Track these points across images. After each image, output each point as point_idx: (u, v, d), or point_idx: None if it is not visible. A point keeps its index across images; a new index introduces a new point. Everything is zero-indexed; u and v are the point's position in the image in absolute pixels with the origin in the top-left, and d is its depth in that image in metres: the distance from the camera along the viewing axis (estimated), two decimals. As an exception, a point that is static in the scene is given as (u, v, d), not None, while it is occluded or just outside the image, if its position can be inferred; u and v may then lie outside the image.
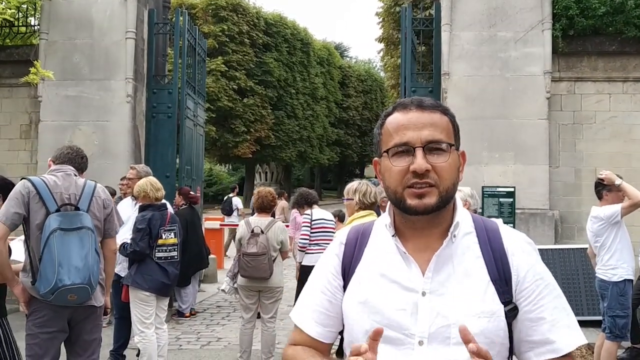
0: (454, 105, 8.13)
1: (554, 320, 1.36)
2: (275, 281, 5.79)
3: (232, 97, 30.93)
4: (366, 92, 48.06)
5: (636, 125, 8.08)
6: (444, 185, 1.36)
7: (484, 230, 1.44)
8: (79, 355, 3.66)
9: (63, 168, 3.71)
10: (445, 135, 1.39)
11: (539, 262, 1.43)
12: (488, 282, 1.36)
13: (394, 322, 1.36)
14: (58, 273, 3.31)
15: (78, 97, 8.74)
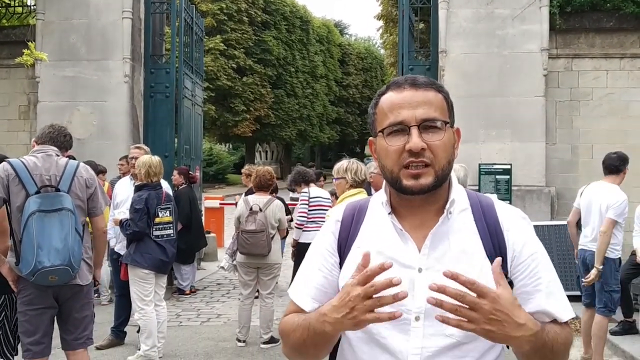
0: (451, 83, 8.15)
1: (549, 293, 1.38)
2: (273, 258, 5.89)
3: (231, 76, 30.81)
4: (366, 70, 47.83)
5: (633, 102, 8.09)
6: (439, 163, 1.36)
7: (479, 206, 1.45)
8: (71, 332, 3.72)
9: (44, 148, 3.69)
10: (440, 113, 1.39)
11: (533, 237, 1.44)
12: (484, 257, 1.37)
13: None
14: (37, 255, 3.34)
15: (76, 77, 8.74)
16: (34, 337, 3.53)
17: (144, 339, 5.25)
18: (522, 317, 1.24)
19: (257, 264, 5.89)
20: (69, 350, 3.73)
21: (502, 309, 1.20)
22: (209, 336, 6.27)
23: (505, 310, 1.20)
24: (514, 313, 1.22)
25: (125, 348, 5.73)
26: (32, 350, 3.54)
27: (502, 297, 1.21)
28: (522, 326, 1.23)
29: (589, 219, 5.54)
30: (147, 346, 5.24)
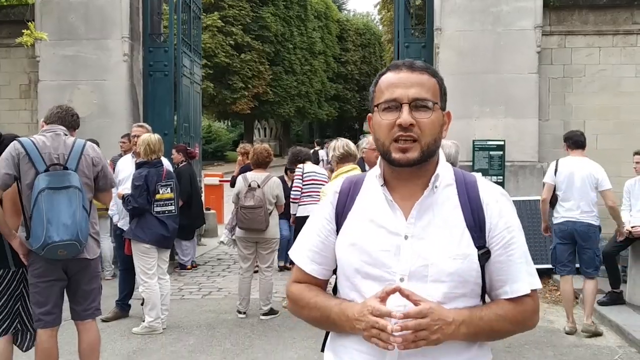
0: (446, 60, 8.26)
1: (520, 264, 1.56)
2: (271, 233, 6.10)
3: (229, 52, 30.72)
4: (364, 46, 47.58)
5: (625, 78, 8.20)
6: (425, 140, 1.51)
7: (463, 182, 1.60)
8: (80, 304, 3.91)
9: (53, 128, 3.84)
10: (431, 94, 1.54)
11: (510, 213, 1.59)
12: (464, 228, 1.53)
13: (379, 261, 1.54)
14: (47, 230, 3.50)
15: (75, 56, 8.83)
16: (45, 307, 3.71)
17: (148, 311, 5.47)
18: (449, 315, 1.47)
19: (255, 238, 6.09)
20: (79, 321, 3.92)
21: (438, 318, 1.44)
22: (210, 309, 6.48)
23: (439, 316, 1.45)
24: (443, 315, 1.46)
25: (130, 320, 5.94)
26: (44, 320, 3.73)
27: (433, 308, 1.44)
28: (452, 322, 1.46)
29: (571, 193, 5.74)
30: (151, 318, 5.46)
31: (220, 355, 5.06)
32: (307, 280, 1.72)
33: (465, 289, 1.53)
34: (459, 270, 1.51)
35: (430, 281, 1.51)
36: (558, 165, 5.92)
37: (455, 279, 1.51)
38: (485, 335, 1.56)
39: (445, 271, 1.51)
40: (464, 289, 1.53)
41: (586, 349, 5.34)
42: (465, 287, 1.53)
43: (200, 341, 5.40)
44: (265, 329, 5.79)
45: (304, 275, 1.71)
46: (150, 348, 5.20)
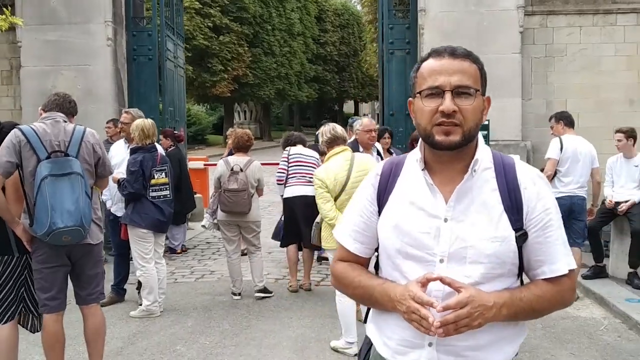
0: (430, 42, 8.33)
1: (557, 246, 1.62)
2: (253, 216, 6.22)
3: (208, 35, 30.41)
4: (343, 27, 47.41)
5: (605, 57, 8.37)
6: (467, 125, 1.55)
7: (501, 165, 1.64)
8: (84, 288, 3.97)
9: (52, 115, 3.85)
10: (473, 81, 1.57)
11: (547, 195, 1.64)
12: (502, 211, 1.58)
13: (419, 243, 1.60)
14: (51, 217, 3.54)
15: (58, 41, 8.75)
16: (49, 293, 3.76)
17: (145, 295, 5.53)
18: (490, 299, 1.52)
19: (237, 221, 6.20)
20: (84, 305, 3.98)
21: (477, 304, 1.50)
22: (205, 291, 6.56)
23: (479, 303, 1.50)
24: (483, 300, 1.51)
25: (126, 304, 6.00)
26: (49, 305, 3.78)
27: (473, 296, 1.50)
28: (493, 306, 1.52)
29: (575, 168, 6.12)
30: (149, 301, 5.53)
31: (220, 335, 5.16)
32: (351, 259, 1.80)
33: (502, 270, 1.59)
34: (497, 252, 1.57)
35: (468, 262, 1.57)
36: (562, 142, 6.20)
37: (493, 261, 1.57)
38: (526, 315, 1.62)
39: (484, 253, 1.56)
40: (502, 269, 1.59)
41: (573, 320, 5.53)
42: (503, 267, 1.59)
43: (198, 323, 5.49)
44: (262, 309, 5.89)
45: (348, 254, 1.80)
46: (149, 330, 5.28)
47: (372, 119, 6.34)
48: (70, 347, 4.36)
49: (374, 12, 22.79)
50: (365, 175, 4.88)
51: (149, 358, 4.69)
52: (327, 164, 4.81)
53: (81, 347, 4.67)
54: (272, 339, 5.09)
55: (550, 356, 4.68)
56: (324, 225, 4.77)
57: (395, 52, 9.07)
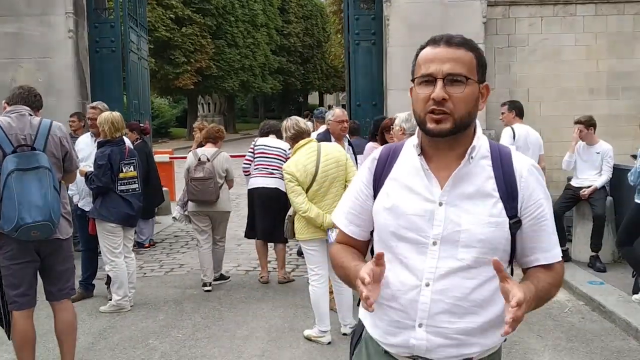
0: (395, 32, 8.40)
1: (550, 234, 1.67)
2: (222, 206, 6.29)
3: (170, 26, 30.01)
4: (307, 18, 47.30)
5: (565, 47, 8.56)
6: (458, 113, 1.57)
7: (498, 154, 1.67)
8: (54, 284, 3.91)
9: (17, 109, 3.77)
10: (467, 69, 1.59)
11: (542, 185, 1.68)
12: (497, 198, 1.61)
13: (414, 225, 1.64)
14: (19, 212, 3.48)
15: (17, 33, 8.53)
16: (19, 289, 3.69)
17: (115, 290, 5.47)
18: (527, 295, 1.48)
19: (207, 212, 6.27)
20: (54, 301, 3.92)
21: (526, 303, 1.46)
22: (175, 284, 6.52)
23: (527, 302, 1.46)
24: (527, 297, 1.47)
25: (96, 300, 5.92)
26: (19, 302, 3.71)
27: (523, 296, 1.44)
28: (529, 301, 1.50)
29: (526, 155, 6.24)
30: (119, 296, 5.47)
31: (192, 328, 5.14)
32: (347, 241, 1.86)
33: (494, 255, 1.59)
34: (489, 237, 1.60)
35: (461, 246, 1.61)
36: (515, 130, 6.50)
37: (485, 245, 1.60)
38: (542, 303, 1.67)
39: (476, 237, 1.60)
40: (494, 254, 1.59)
41: (538, 304, 5.69)
42: (495, 253, 1.60)
43: (169, 316, 5.46)
44: (233, 301, 5.89)
45: (344, 237, 1.87)
46: (120, 325, 5.23)
47: (344, 110, 6.35)
48: (40, 344, 4.28)
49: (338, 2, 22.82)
50: (333, 163, 4.92)
51: (121, 352, 4.65)
52: (295, 156, 4.80)
53: (51, 344, 4.62)
54: (245, 330, 5.09)
55: (517, 338, 4.80)
56: (296, 218, 4.79)
57: (361, 42, 9.10)
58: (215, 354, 4.59)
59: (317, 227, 4.63)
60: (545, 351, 4.63)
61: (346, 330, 4.89)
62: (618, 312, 5.18)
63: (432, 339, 1.63)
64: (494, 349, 1.71)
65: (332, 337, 4.78)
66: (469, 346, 1.65)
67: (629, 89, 8.51)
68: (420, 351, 1.65)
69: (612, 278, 6.16)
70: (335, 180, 4.70)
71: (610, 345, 4.74)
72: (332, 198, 4.68)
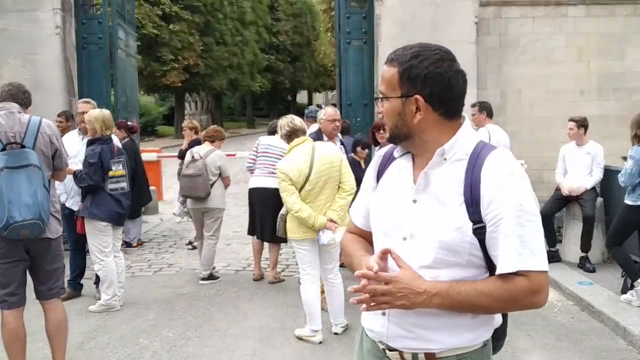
0: (387, 32, 8.38)
1: (508, 242, 1.57)
2: (214, 203, 6.46)
3: (157, 23, 29.75)
4: (296, 16, 47.12)
5: (556, 48, 8.60)
6: (388, 125, 1.75)
7: (475, 158, 1.65)
8: (44, 284, 3.86)
9: (6, 106, 3.72)
10: (386, 87, 1.71)
11: (509, 191, 1.58)
12: (461, 202, 1.62)
13: (391, 221, 1.74)
14: (9, 210, 3.45)
15: (3, 30, 8.41)
16: (8, 288, 3.65)
17: (104, 289, 5.41)
18: (421, 286, 1.60)
19: (201, 208, 6.46)
20: (44, 300, 3.88)
21: (404, 286, 1.59)
22: (164, 284, 6.46)
23: (406, 286, 1.59)
24: (413, 285, 1.60)
25: (84, 299, 5.85)
26: (8, 301, 3.68)
27: (401, 278, 1.60)
28: (423, 293, 1.59)
29: None
30: (108, 295, 5.41)
31: (183, 327, 5.10)
32: (356, 231, 1.97)
33: (457, 258, 1.62)
34: (449, 240, 1.61)
35: (424, 245, 1.65)
36: (490, 131, 6.65)
37: (444, 247, 1.62)
38: (466, 309, 1.62)
39: (436, 238, 1.63)
40: (456, 258, 1.62)
41: (529, 304, 5.69)
42: (457, 256, 1.62)
43: (160, 316, 5.41)
44: (223, 301, 5.85)
45: (354, 227, 1.98)
46: (110, 325, 5.17)
47: (336, 108, 6.33)
48: (29, 343, 4.18)
49: (328, 1, 22.79)
50: (327, 164, 4.89)
51: (112, 352, 4.60)
52: (290, 155, 4.76)
53: (40, 343, 4.56)
54: (236, 329, 5.06)
55: (508, 338, 4.78)
56: (289, 217, 4.76)
57: (352, 41, 9.08)
58: (207, 353, 4.55)
59: (309, 227, 4.60)
60: (534, 350, 4.65)
61: (337, 330, 4.87)
62: (607, 312, 5.21)
63: (392, 328, 1.72)
64: (463, 349, 1.69)
65: (323, 336, 4.77)
66: (429, 342, 1.69)
67: (619, 90, 8.56)
68: (383, 337, 1.75)
69: (601, 278, 6.18)
70: (328, 181, 4.67)
71: (599, 344, 4.77)
72: (325, 199, 4.65)
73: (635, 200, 5.46)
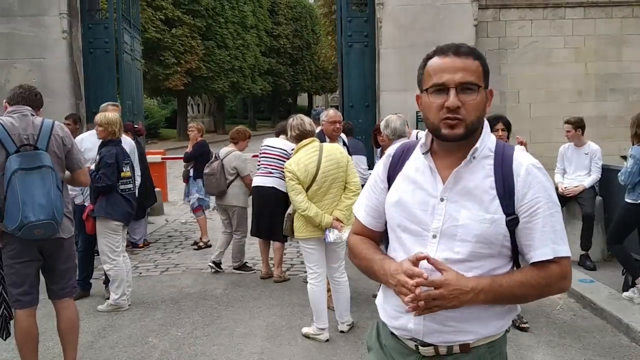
0: (388, 35, 8.51)
1: (544, 232, 1.69)
2: (229, 200, 6.93)
3: (160, 27, 29.91)
4: (296, 20, 47.32)
5: (555, 50, 8.72)
6: (470, 118, 1.68)
7: (501, 154, 1.75)
8: (57, 283, 3.95)
9: (19, 109, 3.79)
10: (476, 77, 1.69)
11: (540, 184, 1.71)
12: (494, 196, 1.69)
13: (417, 218, 1.76)
14: (23, 211, 3.52)
15: (10, 34, 8.55)
16: (22, 288, 3.72)
17: (114, 289, 5.51)
18: (468, 284, 1.65)
19: (221, 205, 7.03)
20: (57, 300, 3.96)
21: (453, 288, 1.64)
22: (171, 284, 6.56)
23: (455, 287, 1.64)
24: (461, 285, 1.65)
25: (93, 299, 5.94)
26: (22, 300, 3.75)
27: (449, 280, 1.64)
28: (470, 291, 1.65)
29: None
30: (117, 295, 5.51)
31: (191, 326, 5.19)
32: (363, 232, 1.99)
33: (491, 250, 1.71)
34: (484, 233, 1.69)
35: (458, 240, 1.71)
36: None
37: (481, 240, 1.69)
38: (508, 300, 1.74)
39: (472, 232, 1.69)
40: (490, 250, 1.70)
41: (530, 301, 5.79)
42: (492, 248, 1.70)
43: (167, 315, 5.50)
44: (230, 300, 5.94)
45: (361, 227, 1.99)
46: (119, 324, 5.26)
47: (337, 110, 6.43)
48: (39, 343, 4.30)
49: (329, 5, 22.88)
50: (334, 164, 4.97)
51: (121, 351, 4.69)
52: (297, 155, 4.85)
53: (49, 343, 4.67)
54: (244, 328, 5.15)
55: (511, 335, 4.87)
56: (296, 216, 4.85)
57: (354, 44, 9.20)
58: (215, 352, 4.64)
59: (316, 226, 4.70)
60: (538, 347, 4.72)
61: (343, 328, 4.96)
62: (609, 309, 5.28)
63: (428, 325, 1.74)
64: (493, 337, 1.78)
65: (330, 334, 4.85)
66: (464, 333, 1.74)
67: (617, 91, 8.67)
68: (417, 335, 1.77)
69: (602, 276, 6.26)
70: (335, 181, 4.77)
71: (602, 341, 4.84)
72: (331, 198, 4.75)
73: (635, 198, 5.54)
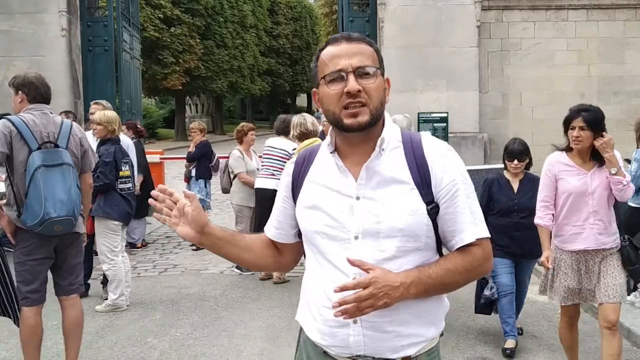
0: (390, 34, 8.47)
1: (464, 215, 1.65)
2: (231, 198, 7.19)
3: (159, 26, 29.81)
4: (296, 20, 47.28)
5: (557, 51, 8.69)
6: (373, 103, 1.60)
7: (409, 143, 1.68)
8: (65, 278, 3.96)
9: (39, 107, 3.82)
10: (372, 61, 1.62)
11: (454, 166, 1.67)
12: (412, 186, 1.62)
13: (335, 221, 1.65)
14: (45, 207, 3.56)
15: (9, 31, 8.51)
16: (32, 285, 3.74)
17: (113, 289, 5.46)
18: (397, 279, 1.57)
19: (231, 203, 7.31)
20: (64, 296, 3.97)
21: (382, 285, 1.54)
22: (170, 285, 6.51)
23: (383, 284, 1.54)
24: (390, 280, 1.55)
25: (91, 299, 5.88)
26: (31, 298, 3.76)
27: (376, 277, 1.54)
28: (400, 285, 1.56)
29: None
30: (115, 295, 5.46)
31: (190, 327, 5.14)
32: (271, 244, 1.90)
33: (417, 243, 1.63)
34: (409, 226, 1.61)
35: (382, 237, 1.62)
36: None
37: (406, 234, 1.61)
38: (438, 290, 1.66)
39: (396, 227, 1.61)
40: (417, 242, 1.63)
41: (532, 305, 5.74)
42: (418, 241, 1.63)
43: (166, 316, 5.45)
44: (229, 301, 5.89)
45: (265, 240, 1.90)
46: (117, 324, 5.21)
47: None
48: (40, 342, 4.27)
49: (329, 5, 22.87)
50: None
51: (120, 351, 4.64)
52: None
53: (48, 342, 4.62)
54: (243, 329, 5.10)
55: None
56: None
57: (355, 45, 9.14)
58: (214, 353, 4.60)
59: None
60: (540, 351, 4.69)
61: None
62: (611, 313, 5.24)
63: (369, 334, 1.63)
64: (431, 343, 1.71)
65: (330, 336, 4.80)
66: (406, 337, 1.65)
67: (619, 94, 8.65)
68: (359, 349, 1.65)
69: (603, 279, 6.22)
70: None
71: (604, 345, 4.80)
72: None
73: (639, 202, 5.51)
